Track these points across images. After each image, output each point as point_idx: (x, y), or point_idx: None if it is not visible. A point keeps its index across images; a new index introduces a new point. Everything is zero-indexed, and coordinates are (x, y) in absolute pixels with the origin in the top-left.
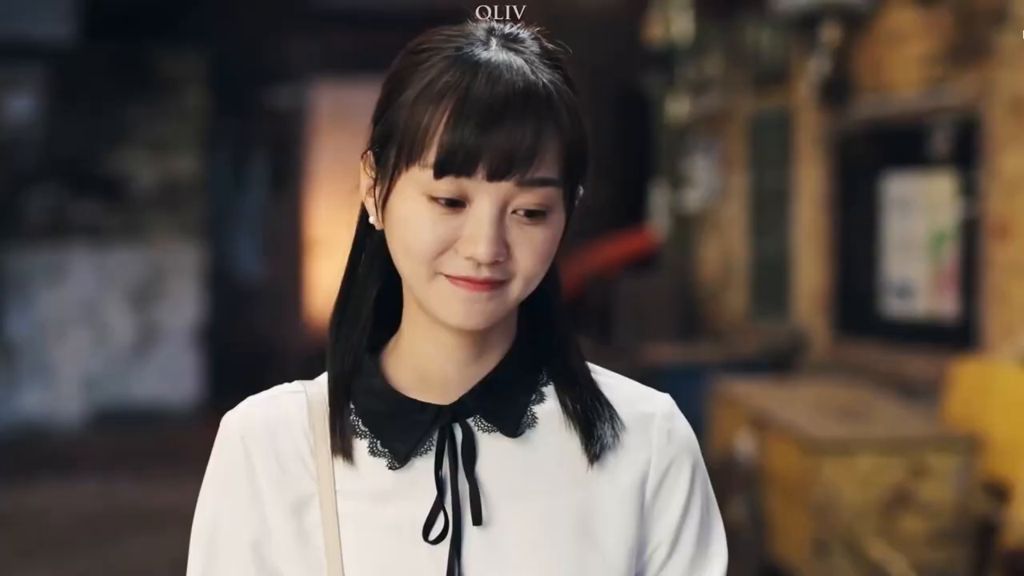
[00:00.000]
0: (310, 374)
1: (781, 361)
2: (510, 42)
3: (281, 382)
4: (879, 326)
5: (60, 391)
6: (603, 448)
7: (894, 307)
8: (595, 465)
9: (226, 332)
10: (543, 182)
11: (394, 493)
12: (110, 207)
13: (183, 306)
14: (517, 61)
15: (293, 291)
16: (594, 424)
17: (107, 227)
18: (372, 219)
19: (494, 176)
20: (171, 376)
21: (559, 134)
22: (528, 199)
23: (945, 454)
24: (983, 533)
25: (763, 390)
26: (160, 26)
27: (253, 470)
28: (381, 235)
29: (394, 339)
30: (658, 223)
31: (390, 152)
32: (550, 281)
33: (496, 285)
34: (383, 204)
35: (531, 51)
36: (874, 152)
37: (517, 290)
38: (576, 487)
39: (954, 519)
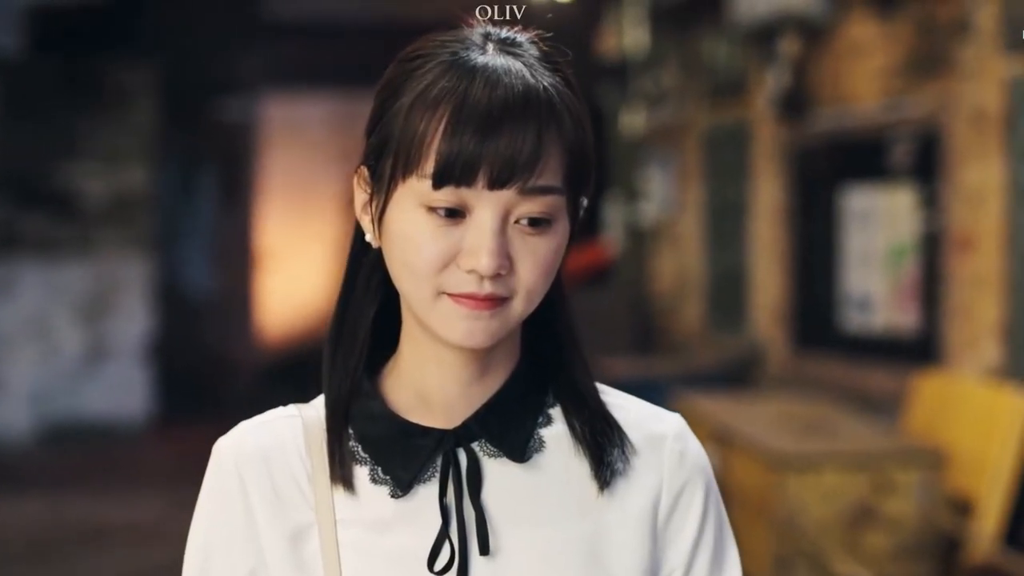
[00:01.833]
0: (261, 388)
1: (739, 375)
2: (508, 46)
3: (232, 396)
4: (838, 340)
5: (8, 406)
6: (613, 474)
7: (854, 321)
8: (605, 491)
9: (176, 346)
10: (546, 190)
11: (396, 522)
12: (59, 220)
13: (133, 320)
14: (516, 65)
15: (243, 305)
16: (604, 449)
17: (56, 241)
18: (368, 237)
19: (495, 184)
20: (121, 391)
21: (561, 139)
22: (531, 208)
23: (909, 469)
24: (947, 548)
25: (724, 405)
26: (110, 39)
27: (248, 499)
28: (378, 253)
29: (392, 359)
30: (613, 236)
31: (385, 164)
32: (555, 296)
33: (498, 302)
34: (379, 219)
35: (530, 55)
36: (833, 165)
37: (520, 307)
38: (586, 514)
39: (918, 534)
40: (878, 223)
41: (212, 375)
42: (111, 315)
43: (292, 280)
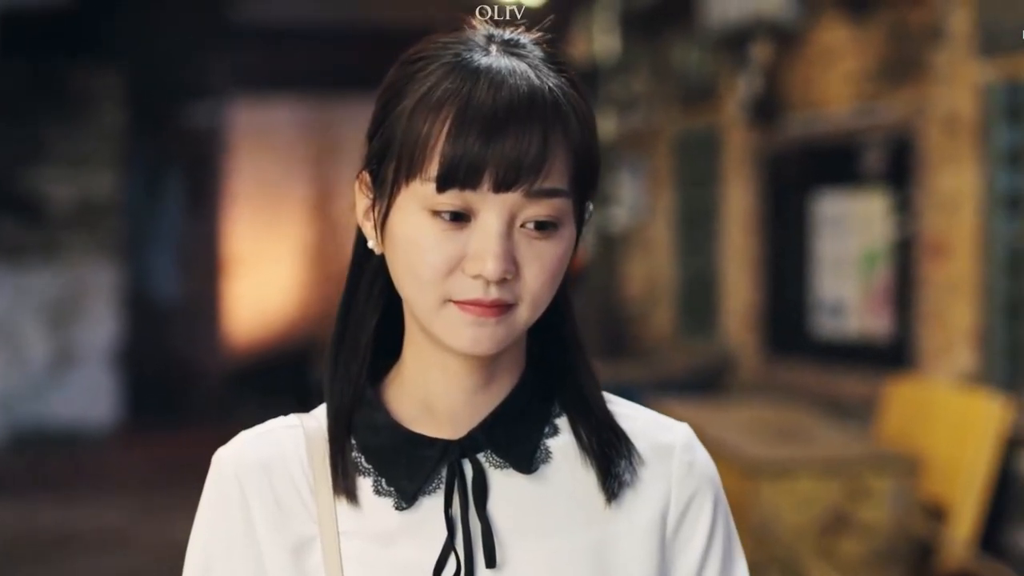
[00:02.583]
0: (229, 394)
1: (710, 381)
2: (511, 47)
3: (199, 402)
4: (810, 345)
5: None
6: (621, 485)
7: (826, 326)
8: (613, 502)
9: (143, 352)
10: (552, 192)
11: (401, 534)
12: (26, 226)
13: (100, 326)
14: (520, 66)
15: (211, 310)
16: (612, 460)
17: (23, 246)
18: (371, 243)
19: (500, 187)
20: (88, 397)
21: (567, 141)
22: (537, 211)
23: (883, 475)
24: (921, 554)
25: (696, 411)
26: (77, 43)
27: (249, 511)
28: (380, 260)
29: (395, 368)
30: (584, 242)
31: (388, 167)
32: (560, 302)
33: (504, 309)
34: (382, 225)
35: (534, 55)
36: (805, 170)
37: (525, 314)
38: (593, 525)
39: (892, 540)
40: (850, 229)
41: (179, 381)
42: (78, 321)
43: (259, 286)
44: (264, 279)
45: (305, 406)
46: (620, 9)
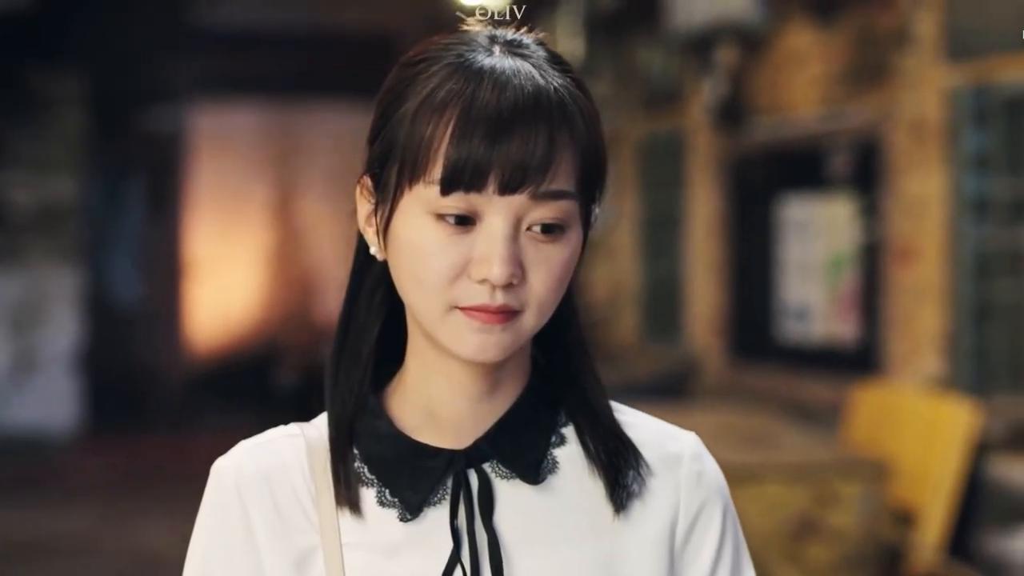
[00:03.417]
0: (190, 398)
1: (675, 386)
2: (515, 47)
3: (161, 407)
4: (776, 350)
5: None
6: (630, 496)
7: (791, 331)
8: (621, 513)
9: (105, 357)
10: (559, 194)
11: (406, 546)
12: None
13: (61, 331)
14: (525, 66)
15: (172, 315)
16: (620, 470)
17: None
18: (373, 249)
19: (506, 189)
20: (50, 402)
21: (574, 142)
22: (543, 213)
23: (851, 480)
24: (890, 559)
25: (662, 416)
26: (37, 47)
27: (249, 522)
28: (381, 266)
29: (398, 376)
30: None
31: (391, 171)
32: (566, 309)
33: (510, 315)
34: (385, 230)
35: (538, 55)
36: (771, 175)
37: (532, 320)
38: (601, 537)
39: (861, 545)
40: (817, 233)
41: (141, 385)
42: (39, 325)
43: (221, 290)
44: (226, 283)
45: (268, 409)
46: (584, 12)
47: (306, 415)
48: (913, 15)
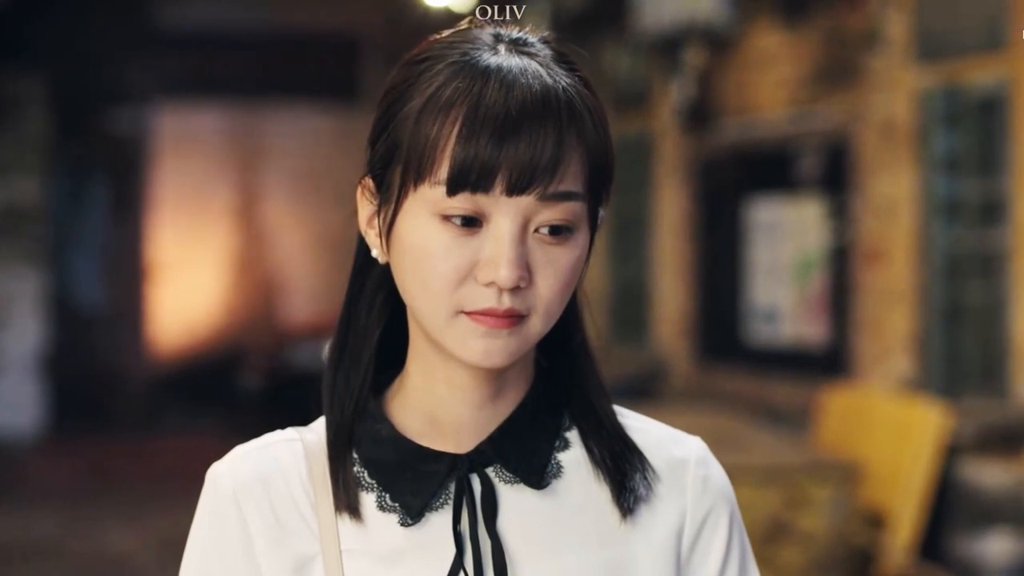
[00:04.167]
0: (154, 401)
1: (642, 388)
2: (520, 46)
3: (124, 409)
4: (744, 352)
5: None
6: (637, 500)
7: (760, 333)
8: (628, 519)
9: (68, 359)
10: (567, 196)
11: (407, 552)
12: None
13: (24, 333)
14: (532, 65)
15: (135, 317)
16: (626, 474)
17: None
18: (375, 252)
19: (513, 190)
20: (12, 405)
21: (582, 142)
22: (551, 215)
23: (822, 483)
24: (861, 561)
25: None
26: (0, 49)
27: (247, 529)
28: (383, 270)
29: (399, 379)
30: None
31: (394, 172)
32: (570, 314)
33: (517, 320)
34: (388, 232)
35: (544, 54)
36: (739, 177)
37: (538, 325)
38: (607, 543)
39: (831, 548)
40: (785, 235)
41: (104, 388)
42: (2, 328)
43: (185, 292)
44: (189, 285)
45: (232, 412)
46: (550, 12)
47: (271, 417)
48: (883, 16)
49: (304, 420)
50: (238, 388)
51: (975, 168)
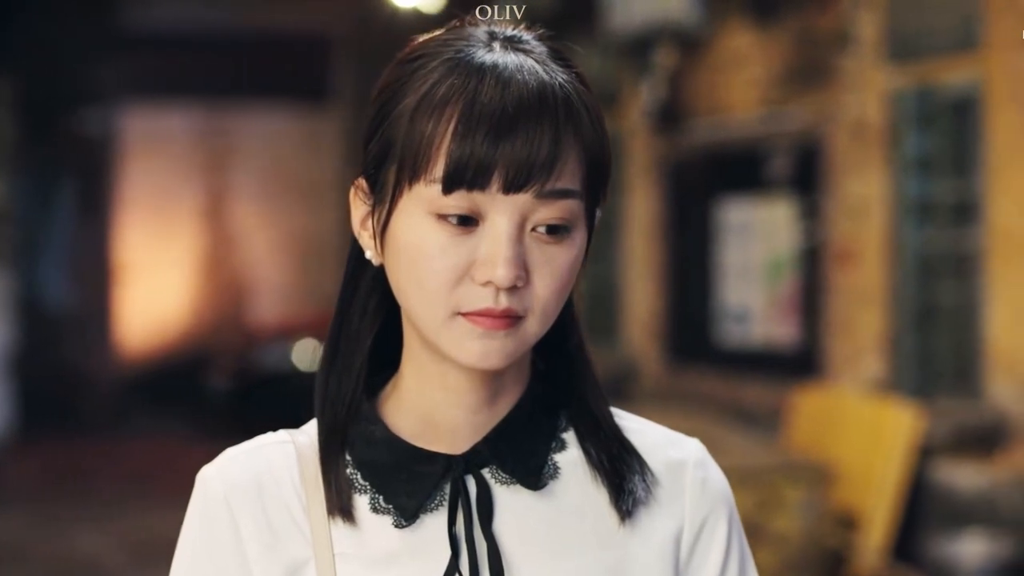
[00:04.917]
0: (121, 402)
1: (612, 390)
2: (515, 43)
3: (92, 411)
4: (714, 353)
5: None
6: (635, 503)
7: (731, 334)
8: (627, 521)
9: (35, 360)
10: (564, 193)
11: (402, 554)
12: None
13: None
14: (527, 62)
15: (103, 318)
16: (624, 477)
17: None
18: (369, 254)
19: (510, 188)
20: None
21: (579, 140)
22: (548, 213)
23: (794, 484)
24: (833, 563)
25: None
26: None
27: (238, 532)
28: (377, 271)
29: (392, 381)
30: None
31: (389, 171)
32: (566, 315)
33: (514, 321)
34: (382, 233)
35: (539, 51)
36: (710, 177)
37: (535, 326)
38: (605, 545)
39: (804, 550)
40: (756, 236)
41: (72, 389)
42: None
43: (152, 293)
44: (157, 286)
45: (200, 413)
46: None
47: (240, 419)
48: (854, 16)
49: (273, 421)
50: (206, 389)
51: (947, 169)
